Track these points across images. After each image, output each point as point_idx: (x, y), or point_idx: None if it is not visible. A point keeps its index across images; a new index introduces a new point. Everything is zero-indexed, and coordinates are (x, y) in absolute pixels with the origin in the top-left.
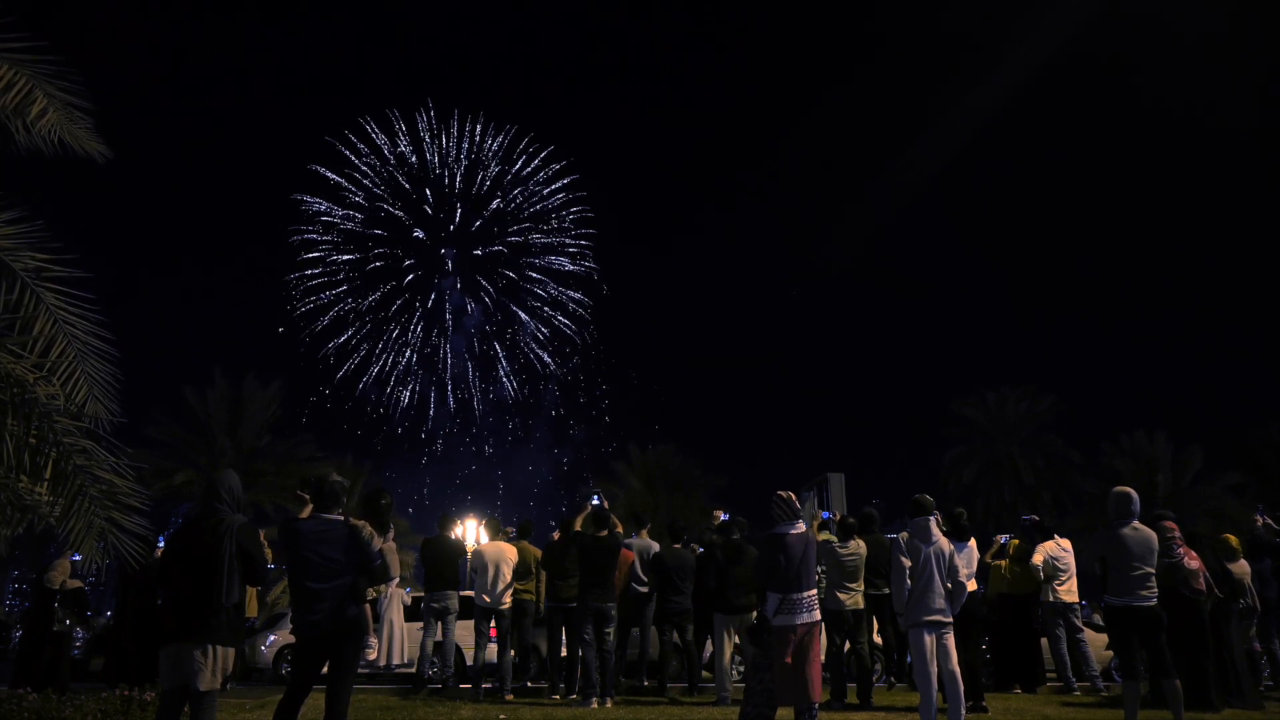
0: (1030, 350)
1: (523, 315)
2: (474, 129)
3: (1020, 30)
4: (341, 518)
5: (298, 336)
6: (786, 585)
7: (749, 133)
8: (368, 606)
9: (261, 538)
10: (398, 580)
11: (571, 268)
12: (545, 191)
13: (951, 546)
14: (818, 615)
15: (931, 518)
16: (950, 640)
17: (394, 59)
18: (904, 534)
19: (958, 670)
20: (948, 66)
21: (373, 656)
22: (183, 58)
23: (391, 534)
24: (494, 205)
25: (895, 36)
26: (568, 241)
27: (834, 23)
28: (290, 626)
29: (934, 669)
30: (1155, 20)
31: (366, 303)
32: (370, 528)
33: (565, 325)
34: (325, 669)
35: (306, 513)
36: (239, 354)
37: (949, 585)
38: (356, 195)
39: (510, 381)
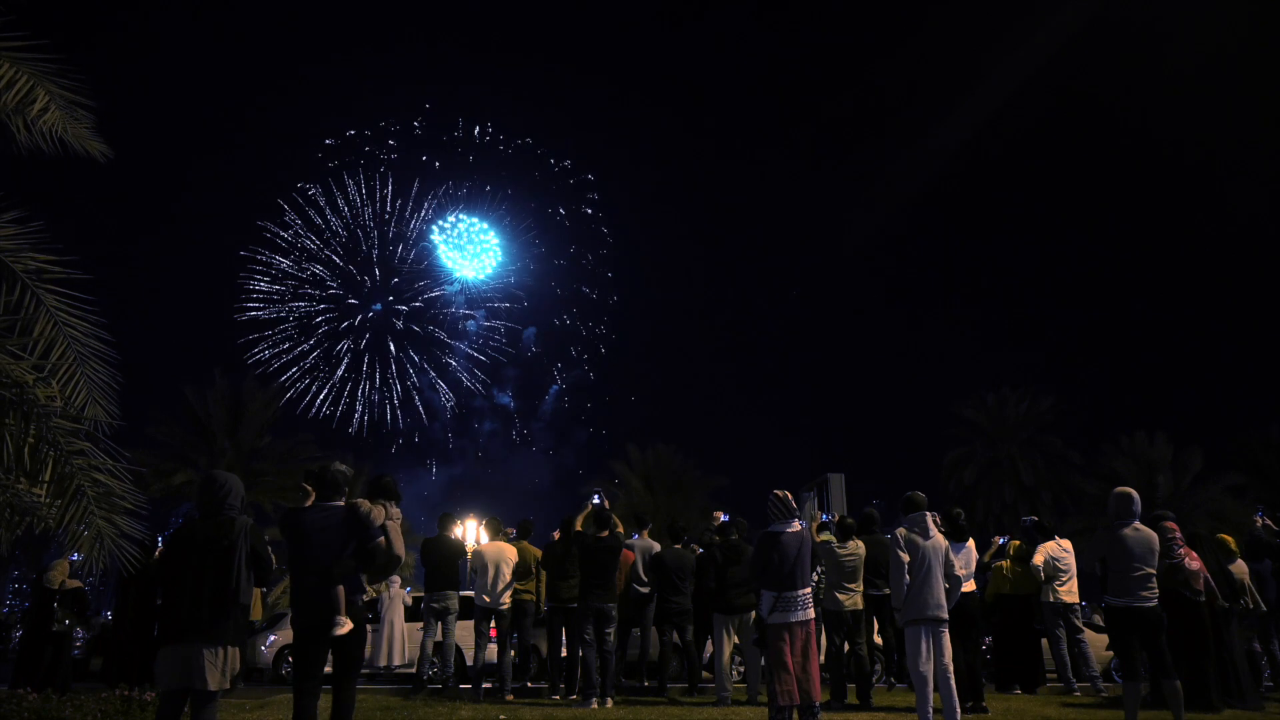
0: (1030, 351)
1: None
2: (481, 137)
3: (1016, 37)
4: (343, 504)
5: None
6: (781, 583)
7: (747, 135)
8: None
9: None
10: (399, 581)
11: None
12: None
13: (947, 543)
14: (812, 613)
15: (927, 513)
16: (946, 638)
17: (394, 60)
18: (900, 530)
19: (951, 667)
20: (945, 68)
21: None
22: (186, 57)
23: (398, 513)
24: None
25: (891, 40)
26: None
27: (831, 26)
28: (290, 626)
29: (928, 667)
30: (1155, 20)
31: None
32: (368, 503)
33: (575, 348)
34: (328, 667)
35: (309, 503)
36: (239, 354)
37: (946, 582)
38: (345, 214)
39: (509, 391)
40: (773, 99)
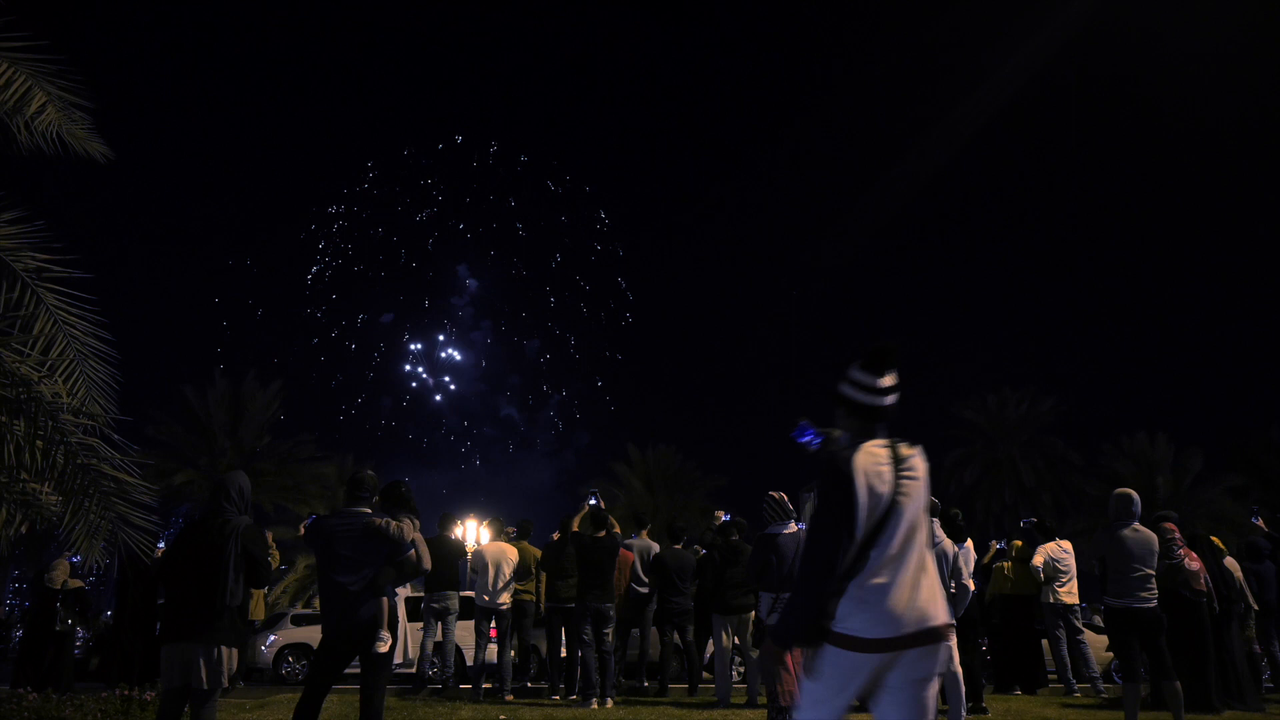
0: (1030, 351)
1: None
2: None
3: (1016, 36)
4: (370, 511)
5: (301, 340)
6: (779, 585)
7: (744, 137)
8: (385, 601)
9: (270, 539)
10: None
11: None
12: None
13: (956, 548)
14: None
15: (934, 519)
16: (953, 641)
17: (396, 67)
18: None
19: (959, 671)
20: (941, 70)
21: (384, 649)
22: (185, 56)
23: (418, 524)
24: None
25: (888, 40)
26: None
27: (826, 28)
28: (290, 626)
29: None
30: (1157, 18)
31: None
32: (395, 523)
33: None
34: (346, 670)
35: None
36: (239, 354)
37: (952, 588)
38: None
39: (512, 399)
40: (772, 94)
